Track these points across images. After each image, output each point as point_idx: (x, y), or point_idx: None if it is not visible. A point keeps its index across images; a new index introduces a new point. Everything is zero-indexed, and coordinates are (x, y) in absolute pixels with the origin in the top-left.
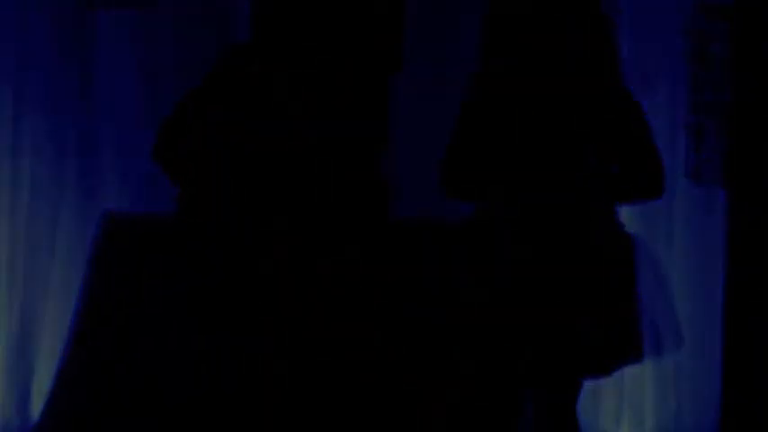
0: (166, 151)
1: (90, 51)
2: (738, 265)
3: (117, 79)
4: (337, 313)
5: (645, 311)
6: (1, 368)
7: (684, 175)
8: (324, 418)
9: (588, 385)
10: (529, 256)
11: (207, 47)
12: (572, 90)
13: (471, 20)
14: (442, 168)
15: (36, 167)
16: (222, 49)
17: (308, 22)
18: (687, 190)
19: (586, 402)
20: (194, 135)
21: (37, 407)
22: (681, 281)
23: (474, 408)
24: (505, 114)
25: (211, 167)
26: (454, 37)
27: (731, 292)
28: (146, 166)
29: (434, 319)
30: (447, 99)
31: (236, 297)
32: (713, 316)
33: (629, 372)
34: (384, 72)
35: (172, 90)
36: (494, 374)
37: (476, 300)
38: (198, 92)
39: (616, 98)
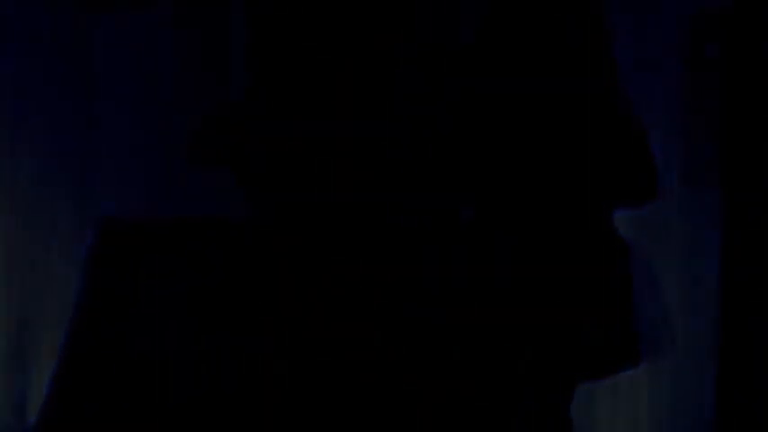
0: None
1: (90, 53)
2: (735, 266)
3: (117, 81)
4: (337, 313)
5: (640, 315)
6: None
7: (679, 176)
8: (324, 419)
9: (583, 385)
10: (529, 255)
11: (207, 47)
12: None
13: (471, 20)
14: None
15: (35, 168)
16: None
17: (308, 21)
18: (682, 192)
19: (582, 403)
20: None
21: (35, 408)
22: (677, 283)
23: (474, 408)
24: (505, 114)
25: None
26: (453, 37)
27: (728, 293)
28: (145, 168)
29: (434, 319)
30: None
31: (236, 297)
32: (711, 316)
33: (625, 372)
34: (384, 72)
35: (172, 91)
36: (494, 374)
37: (476, 300)
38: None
39: (614, 98)
